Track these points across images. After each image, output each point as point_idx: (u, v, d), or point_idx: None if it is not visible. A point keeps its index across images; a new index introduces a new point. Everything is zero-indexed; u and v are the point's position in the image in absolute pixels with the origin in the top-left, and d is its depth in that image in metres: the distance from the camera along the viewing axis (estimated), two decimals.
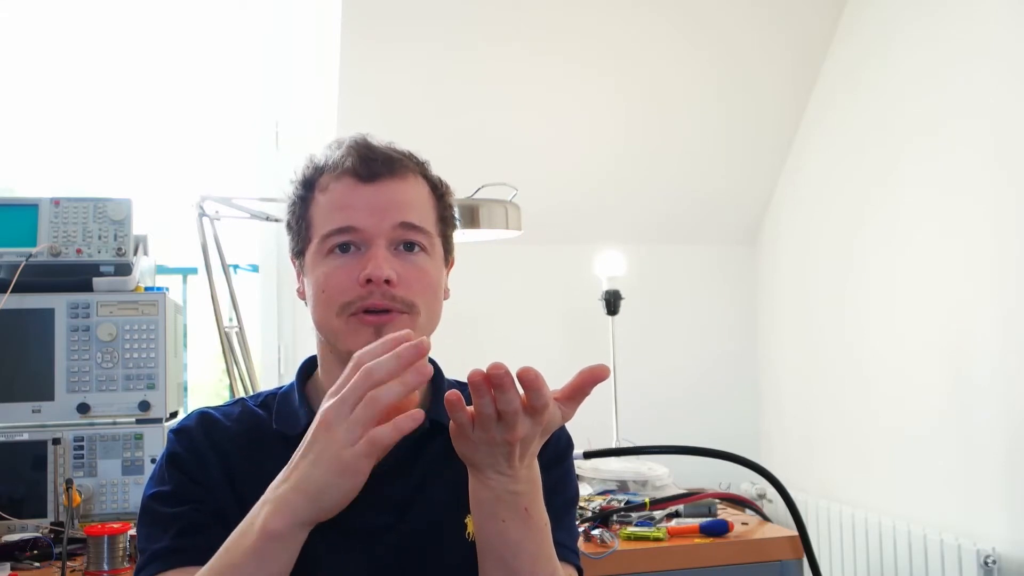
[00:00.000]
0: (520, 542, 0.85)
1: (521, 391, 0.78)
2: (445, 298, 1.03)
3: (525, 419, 0.79)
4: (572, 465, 1.07)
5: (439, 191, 1.02)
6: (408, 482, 0.96)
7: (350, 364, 0.79)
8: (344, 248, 0.94)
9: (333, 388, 0.79)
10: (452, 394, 0.79)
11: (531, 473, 0.85)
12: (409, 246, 0.96)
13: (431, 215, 1.00)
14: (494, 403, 0.77)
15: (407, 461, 0.96)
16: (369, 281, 0.92)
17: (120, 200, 1.83)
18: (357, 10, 2.23)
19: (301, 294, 1.02)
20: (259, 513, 0.79)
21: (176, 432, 0.97)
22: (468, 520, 0.95)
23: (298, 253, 1.01)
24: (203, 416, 0.98)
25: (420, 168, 1.01)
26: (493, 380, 0.76)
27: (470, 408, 0.80)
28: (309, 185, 0.99)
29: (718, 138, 2.64)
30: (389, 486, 0.94)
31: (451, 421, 0.81)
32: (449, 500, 0.95)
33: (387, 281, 0.92)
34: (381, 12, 2.25)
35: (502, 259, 2.55)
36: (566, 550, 0.97)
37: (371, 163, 0.96)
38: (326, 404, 0.78)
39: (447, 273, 1.05)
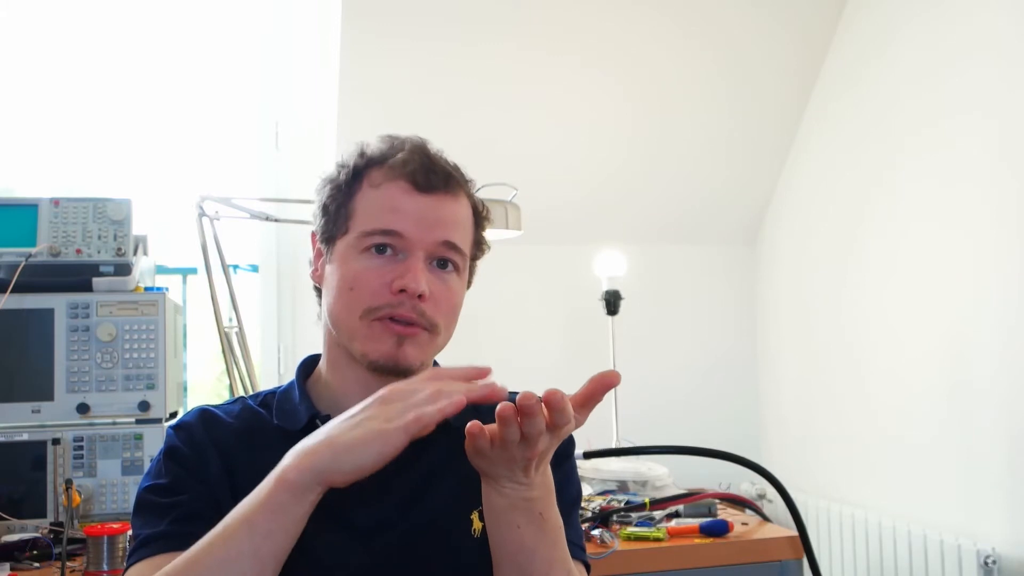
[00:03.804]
0: (535, 547, 0.86)
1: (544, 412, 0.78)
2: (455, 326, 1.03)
3: (546, 435, 0.79)
4: (575, 464, 1.07)
5: (480, 216, 1.03)
6: (412, 478, 0.96)
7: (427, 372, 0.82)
8: (381, 249, 0.93)
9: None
10: (474, 426, 0.80)
11: (545, 479, 0.86)
12: (443, 263, 0.96)
13: (470, 237, 1.00)
14: (519, 429, 0.78)
15: (411, 457, 0.95)
16: (402, 291, 0.91)
17: (120, 200, 1.83)
18: (357, 8, 2.23)
19: (317, 277, 1.01)
20: (278, 467, 0.79)
21: (175, 427, 0.96)
22: (474, 517, 0.95)
23: (327, 239, 0.99)
24: (203, 413, 0.98)
25: (467, 189, 1.01)
26: (524, 411, 0.76)
27: (488, 427, 0.81)
28: (358, 174, 0.97)
29: (719, 138, 2.64)
30: (392, 482, 0.94)
31: (467, 442, 0.82)
32: (455, 498, 0.95)
33: (420, 295, 0.92)
34: (381, 10, 2.25)
35: (502, 259, 2.51)
36: (575, 547, 0.97)
37: (431, 175, 0.95)
38: (393, 385, 0.79)
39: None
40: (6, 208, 1.82)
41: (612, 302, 2.27)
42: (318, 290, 1.02)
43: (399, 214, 0.93)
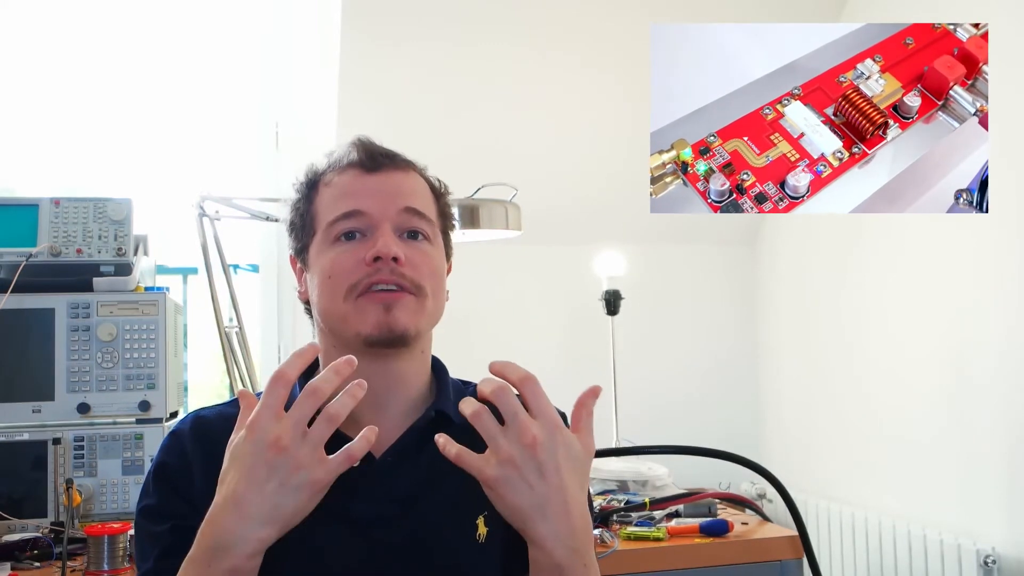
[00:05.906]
0: None
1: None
2: (445, 299, 1.03)
3: (531, 420, 0.80)
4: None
5: (437, 190, 1.05)
6: (415, 475, 0.95)
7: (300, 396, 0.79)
8: (350, 235, 0.96)
9: (256, 415, 0.78)
10: (440, 437, 0.82)
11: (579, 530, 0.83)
12: (414, 234, 0.98)
13: (432, 207, 1.02)
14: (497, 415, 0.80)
15: (411, 453, 0.95)
16: (377, 259, 0.92)
17: (120, 200, 1.83)
18: (357, 9, 2.23)
19: (303, 296, 1.02)
20: (223, 557, 0.77)
21: (169, 437, 0.96)
22: (479, 521, 0.94)
23: (300, 250, 1.01)
24: (196, 420, 0.97)
25: (418, 168, 1.04)
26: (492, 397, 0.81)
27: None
28: (312, 184, 1.01)
29: None
30: (393, 478, 0.94)
31: (479, 479, 0.81)
32: (458, 500, 0.93)
33: (395, 259, 0.93)
34: (381, 11, 2.25)
35: (502, 259, 2.55)
36: None
37: (375, 156, 0.99)
38: (271, 428, 0.77)
39: (446, 275, 1.06)
40: (6, 208, 1.81)
41: (612, 302, 2.27)
42: (309, 312, 1.02)
43: (356, 196, 0.96)
